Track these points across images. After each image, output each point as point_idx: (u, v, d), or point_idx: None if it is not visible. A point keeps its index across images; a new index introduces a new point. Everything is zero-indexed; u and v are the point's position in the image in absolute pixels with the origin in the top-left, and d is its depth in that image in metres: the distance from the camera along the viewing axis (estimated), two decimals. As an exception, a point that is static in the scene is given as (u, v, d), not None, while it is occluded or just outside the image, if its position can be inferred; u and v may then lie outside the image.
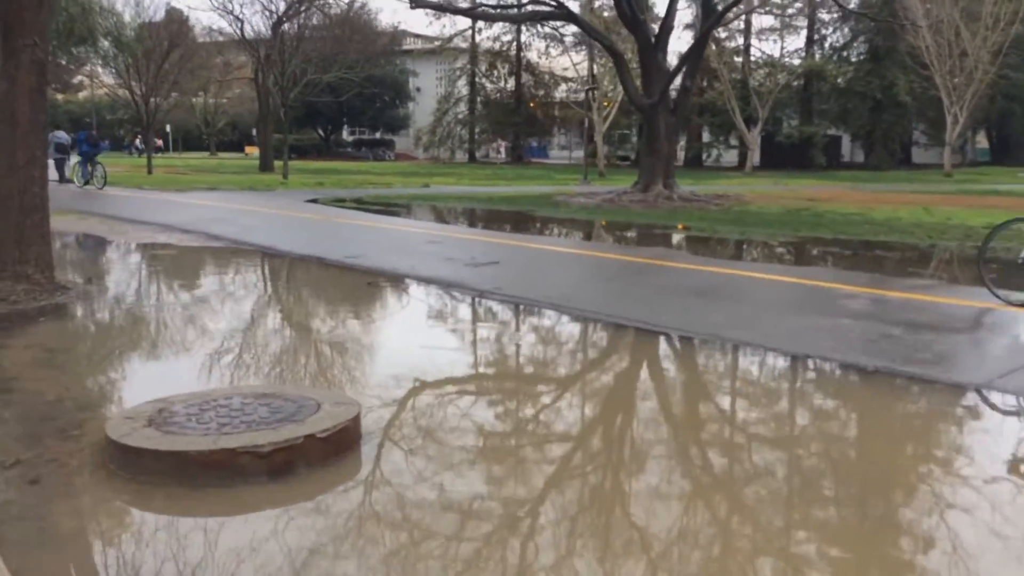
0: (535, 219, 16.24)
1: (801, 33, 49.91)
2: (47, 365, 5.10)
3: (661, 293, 7.73)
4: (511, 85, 58.84)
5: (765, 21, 47.93)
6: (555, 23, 44.02)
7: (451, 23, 53.82)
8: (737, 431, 4.24)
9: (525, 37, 56.41)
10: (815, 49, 50.07)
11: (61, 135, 24.31)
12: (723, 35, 44.82)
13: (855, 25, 47.28)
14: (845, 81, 46.56)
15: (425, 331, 6.52)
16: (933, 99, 39.15)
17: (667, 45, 20.92)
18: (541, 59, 56.38)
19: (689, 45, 25.04)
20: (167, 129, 60.46)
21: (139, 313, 6.86)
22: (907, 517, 3.18)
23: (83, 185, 22.03)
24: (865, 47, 47.74)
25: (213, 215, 14.81)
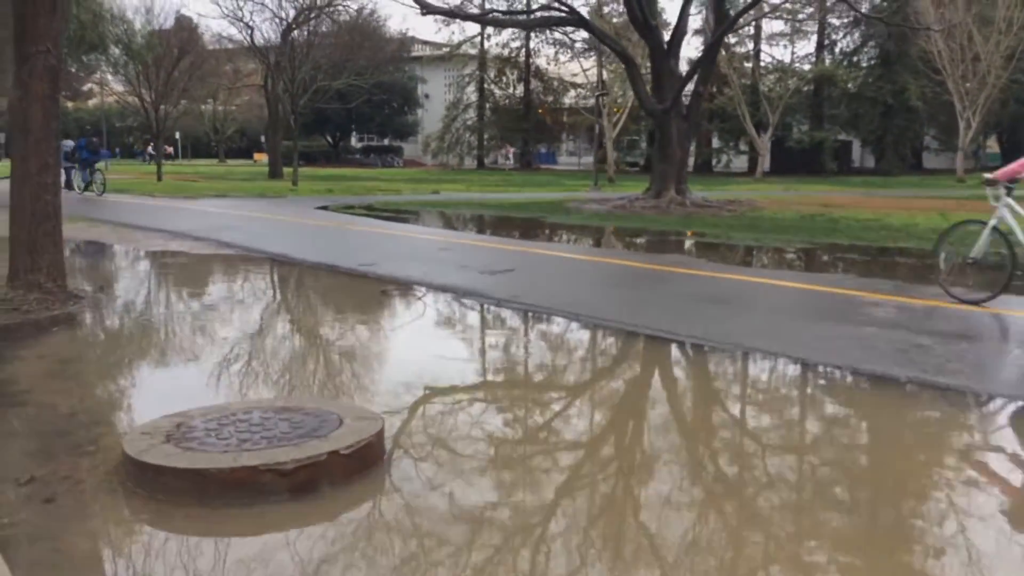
0: (548, 226, 16.12)
1: (811, 38, 49.73)
2: (61, 377, 5.00)
3: (681, 301, 7.60)
4: (520, 91, 58.84)
5: (775, 26, 47.77)
6: (565, 29, 44.15)
7: (460, 30, 53.95)
8: (769, 447, 4.10)
9: (534, 43, 56.43)
10: (825, 54, 49.88)
11: (68, 143, 24.42)
12: (733, 41, 44.65)
13: (865, 30, 47.07)
14: (856, 86, 46.33)
15: (444, 342, 6.40)
16: (944, 104, 38.88)
17: (679, 51, 20.82)
18: (550, 65, 56.37)
19: (700, 51, 24.90)
20: (176, 136, 60.64)
21: (152, 323, 6.77)
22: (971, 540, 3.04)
23: (82, 191, 22.22)
24: (876, 52, 47.49)
25: (224, 222, 14.75)
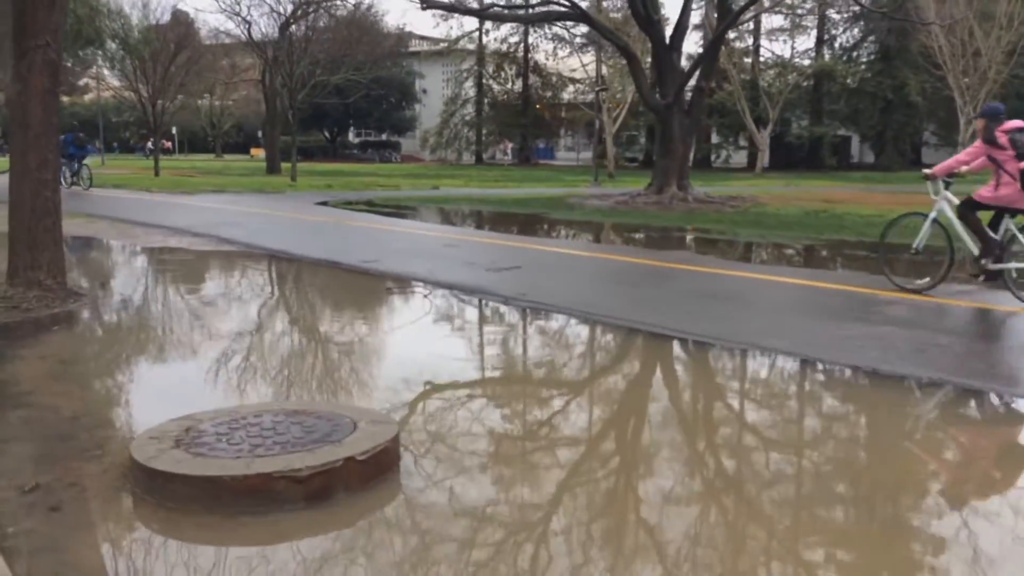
0: (551, 222, 16.00)
1: (811, 33, 49.61)
2: (63, 378, 4.88)
3: (691, 299, 7.49)
4: (518, 86, 58.67)
5: (775, 21, 47.64)
6: (565, 23, 43.98)
7: (458, 25, 53.82)
8: (789, 449, 4.00)
9: (533, 38, 56.28)
10: (825, 49, 49.75)
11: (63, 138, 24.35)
12: (733, 36, 44.46)
13: (865, 25, 46.95)
14: (855, 81, 46.20)
15: (454, 341, 6.28)
16: (944, 99, 38.72)
17: (681, 45, 20.69)
18: (549, 60, 56.20)
19: (702, 45, 24.79)
20: (173, 131, 60.39)
21: (155, 321, 6.65)
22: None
23: (69, 186, 22.17)
24: (875, 47, 47.40)
25: (223, 218, 14.62)
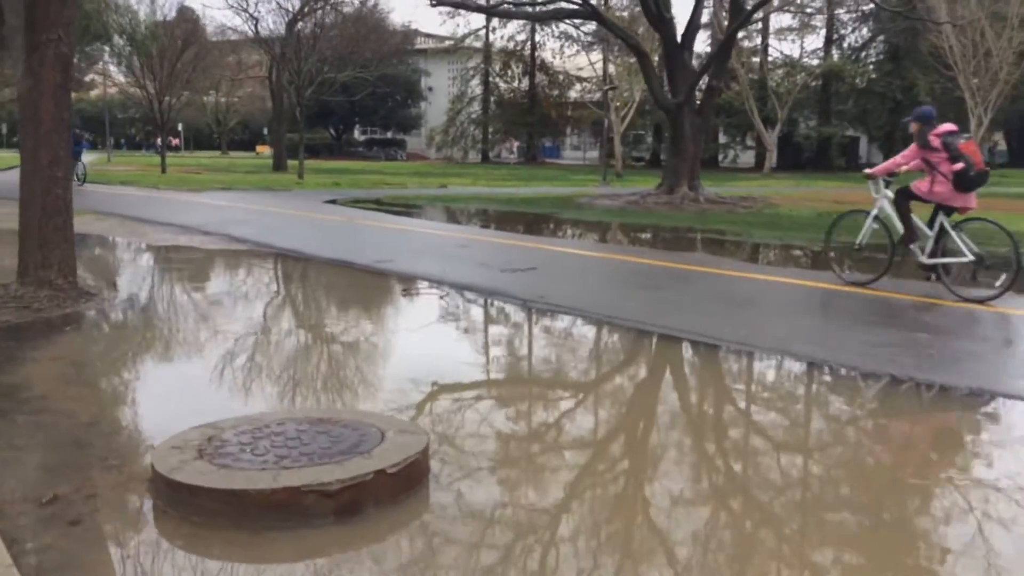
0: (562, 221, 15.85)
1: (820, 33, 49.44)
2: (77, 381, 4.75)
3: (714, 302, 7.34)
4: (525, 85, 58.51)
5: (784, 20, 47.40)
6: (572, 21, 43.76)
7: (465, 22, 53.60)
8: (824, 462, 3.85)
9: (539, 36, 56.09)
10: (834, 49, 49.52)
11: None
12: (741, 35, 44.23)
13: (874, 25, 46.71)
14: (864, 81, 46.01)
15: (476, 347, 6.14)
16: (953, 100, 38.47)
17: (693, 44, 20.52)
18: (555, 59, 56.04)
19: (713, 44, 24.62)
20: (179, 128, 60.36)
21: (169, 323, 6.52)
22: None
23: (81, 184, 22.10)
24: (884, 47, 47.19)
25: (232, 216, 14.49)
